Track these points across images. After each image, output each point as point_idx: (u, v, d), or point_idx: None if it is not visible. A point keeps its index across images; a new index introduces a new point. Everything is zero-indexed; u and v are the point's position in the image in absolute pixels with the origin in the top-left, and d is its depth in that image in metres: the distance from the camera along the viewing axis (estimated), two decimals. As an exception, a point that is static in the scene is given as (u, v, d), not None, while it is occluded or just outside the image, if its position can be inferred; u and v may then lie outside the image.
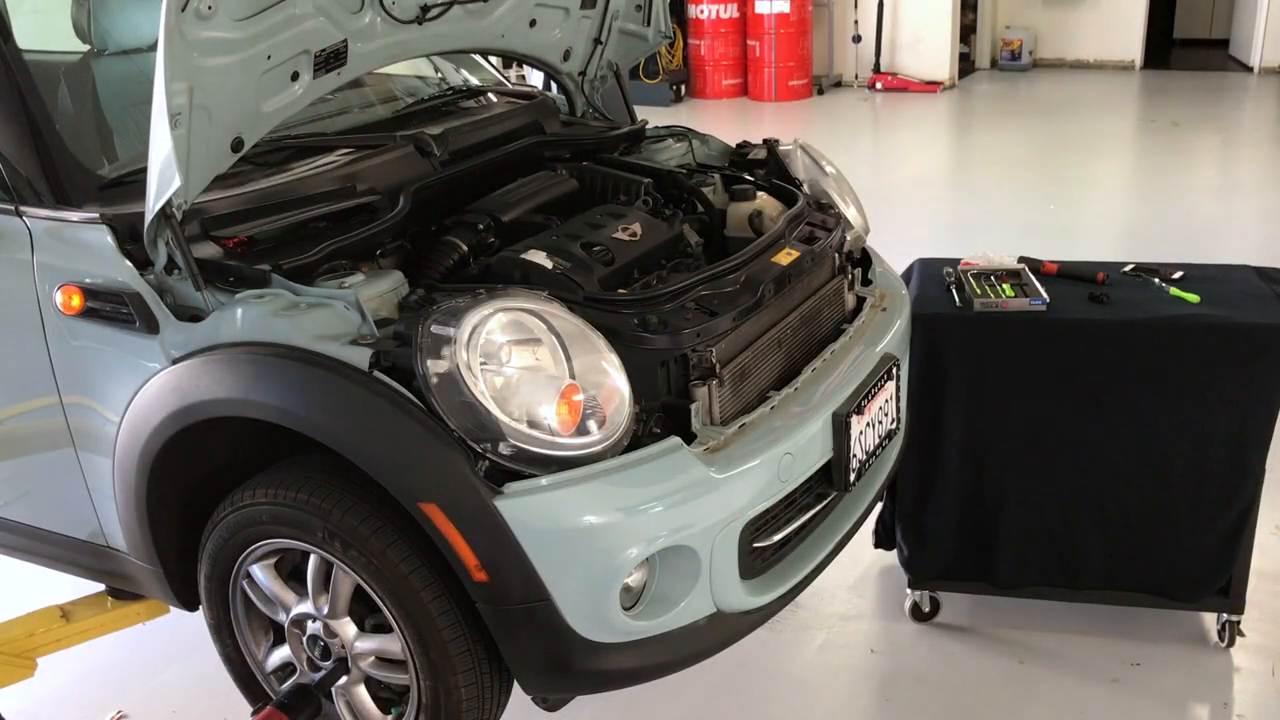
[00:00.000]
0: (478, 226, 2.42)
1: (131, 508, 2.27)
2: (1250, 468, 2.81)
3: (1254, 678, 2.90)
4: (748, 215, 2.77)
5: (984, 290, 2.87)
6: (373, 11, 2.44)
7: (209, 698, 2.91)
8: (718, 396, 2.15)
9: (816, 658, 3.05)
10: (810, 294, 2.51)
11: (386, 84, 3.19)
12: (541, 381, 1.93)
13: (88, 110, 2.56)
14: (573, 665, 2.01)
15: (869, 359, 2.48)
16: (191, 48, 1.98)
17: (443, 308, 1.94)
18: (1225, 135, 9.47)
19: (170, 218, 2.04)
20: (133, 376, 2.17)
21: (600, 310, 2.08)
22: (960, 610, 3.18)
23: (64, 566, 2.63)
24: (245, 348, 2.01)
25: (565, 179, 2.75)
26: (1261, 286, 2.92)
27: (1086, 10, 12.28)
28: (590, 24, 3.22)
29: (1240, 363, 2.73)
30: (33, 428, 2.43)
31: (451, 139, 2.72)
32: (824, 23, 11.78)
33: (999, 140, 9.52)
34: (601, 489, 1.94)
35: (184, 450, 2.18)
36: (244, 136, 2.21)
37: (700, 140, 3.23)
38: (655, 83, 11.12)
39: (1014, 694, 2.88)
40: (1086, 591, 3.03)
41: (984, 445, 2.92)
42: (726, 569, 2.09)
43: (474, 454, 1.88)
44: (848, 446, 2.29)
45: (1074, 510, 2.93)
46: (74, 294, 2.20)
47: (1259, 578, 3.04)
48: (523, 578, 1.92)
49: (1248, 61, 11.93)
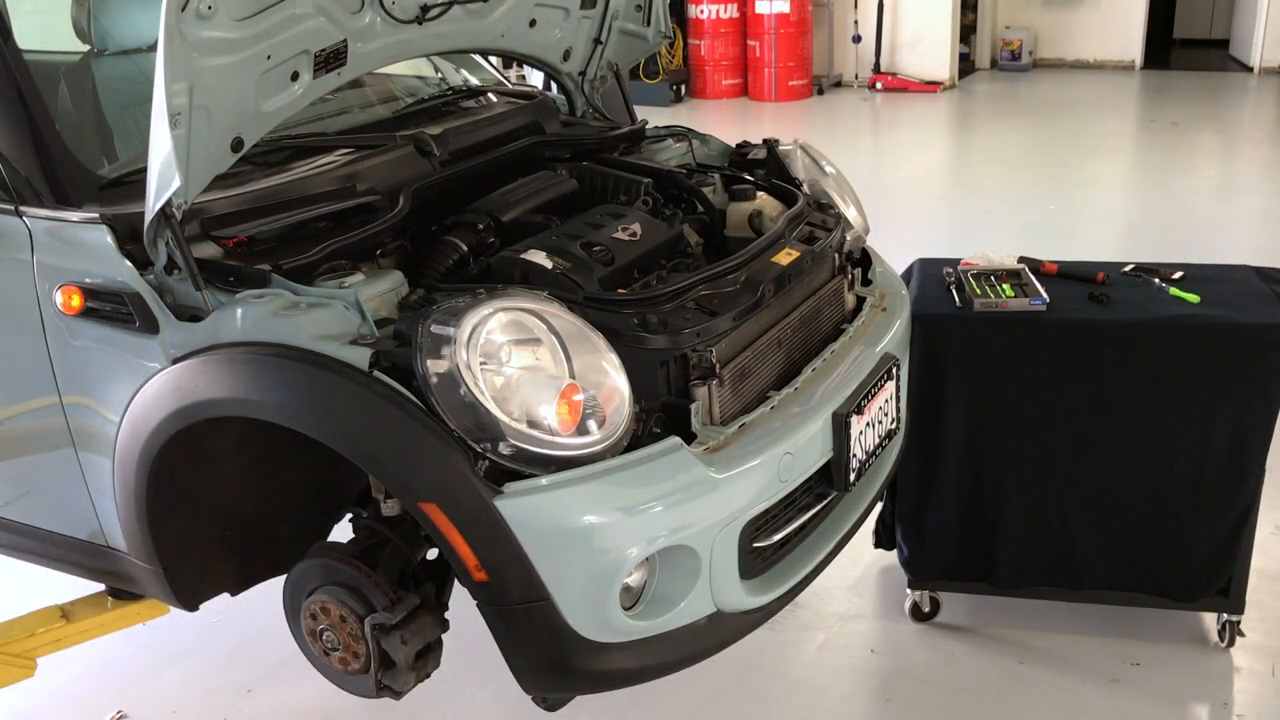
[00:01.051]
0: (478, 226, 2.42)
1: (131, 508, 2.27)
2: (1250, 468, 2.82)
3: (1254, 678, 2.90)
4: (748, 215, 2.77)
5: (984, 290, 2.88)
6: (373, 11, 2.44)
7: (209, 698, 2.92)
8: (718, 396, 2.15)
9: (816, 658, 3.05)
10: (810, 294, 2.51)
11: (386, 84, 3.18)
12: (541, 381, 1.93)
13: (88, 110, 2.56)
14: (572, 665, 2.01)
15: (869, 359, 2.48)
16: (191, 48, 1.98)
17: (443, 307, 1.94)
18: (1225, 135, 9.48)
19: (170, 218, 2.04)
20: (133, 376, 2.16)
21: (600, 310, 2.08)
22: (960, 610, 3.18)
23: (64, 566, 2.63)
24: (245, 348, 2.01)
25: (565, 179, 2.75)
26: (1261, 287, 2.92)
27: (1086, 10, 12.29)
28: (590, 24, 3.22)
29: (1240, 363, 2.73)
30: (33, 428, 2.43)
31: (451, 139, 2.72)
32: (824, 23, 11.78)
33: (999, 140, 9.52)
34: (601, 489, 1.93)
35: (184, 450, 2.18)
36: (244, 136, 2.20)
37: (700, 140, 3.23)
38: (655, 83, 11.12)
39: (1014, 694, 2.88)
40: (1086, 591, 3.03)
41: (984, 445, 2.92)
42: (726, 569, 2.09)
43: (474, 454, 1.88)
44: (848, 446, 2.29)
45: (1074, 510, 2.94)
46: (74, 294, 2.20)
47: (1259, 577, 3.04)
48: (522, 578, 1.91)
49: (1248, 61, 11.93)
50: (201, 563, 2.39)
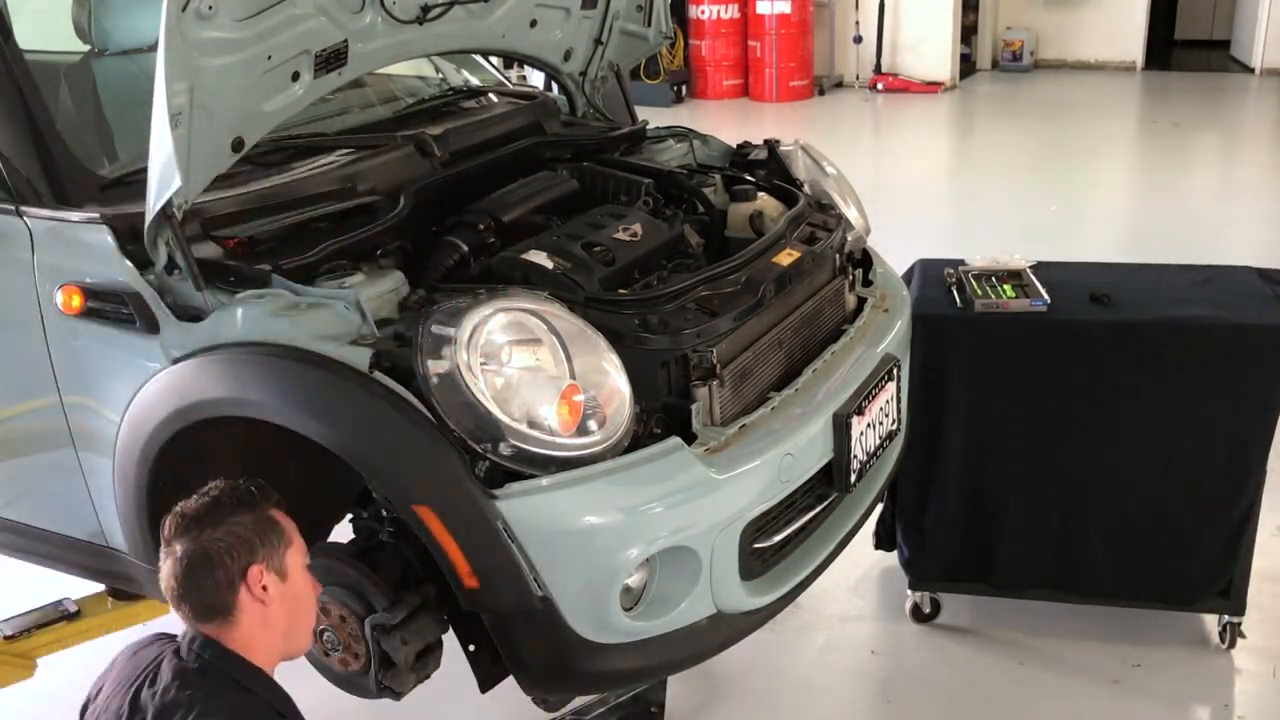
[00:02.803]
0: (478, 227, 2.42)
1: (131, 508, 2.27)
2: (1251, 469, 2.81)
3: (1255, 679, 2.90)
4: (748, 216, 2.77)
5: (985, 291, 2.87)
6: (373, 11, 2.44)
7: (209, 698, 2.91)
8: (718, 397, 2.15)
9: (817, 659, 3.05)
10: (811, 295, 2.51)
11: (387, 84, 3.19)
12: (542, 382, 1.93)
13: (88, 110, 2.56)
14: (573, 666, 2.01)
15: (870, 360, 2.48)
16: (192, 48, 1.98)
17: (443, 308, 1.94)
18: (1226, 136, 9.47)
19: (171, 218, 2.04)
20: (133, 376, 2.16)
21: (601, 310, 2.08)
22: (961, 612, 3.18)
23: (64, 566, 2.63)
24: (245, 348, 2.01)
25: (566, 179, 2.75)
26: (1263, 288, 2.92)
27: (1088, 11, 12.27)
28: (591, 24, 3.22)
29: (1241, 363, 2.73)
30: (33, 428, 2.43)
31: (452, 139, 2.71)
32: (825, 23, 11.77)
33: (1000, 141, 9.51)
34: (602, 489, 1.93)
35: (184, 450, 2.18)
36: (245, 136, 2.20)
37: (701, 141, 3.23)
38: (656, 83, 11.11)
39: (1014, 695, 2.88)
40: (1087, 593, 3.03)
41: (985, 446, 2.92)
42: (727, 570, 2.09)
43: (473, 455, 1.88)
44: (848, 447, 2.29)
45: (1074, 512, 2.93)
46: (74, 294, 2.20)
47: (1260, 579, 3.03)
48: (513, 585, 1.91)
49: (1249, 62, 11.92)
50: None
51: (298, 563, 1.81)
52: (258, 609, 1.75)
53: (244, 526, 1.75)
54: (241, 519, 1.75)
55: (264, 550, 1.75)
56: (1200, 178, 8.06)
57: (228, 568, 1.72)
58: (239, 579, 1.73)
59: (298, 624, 1.83)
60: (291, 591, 1.80)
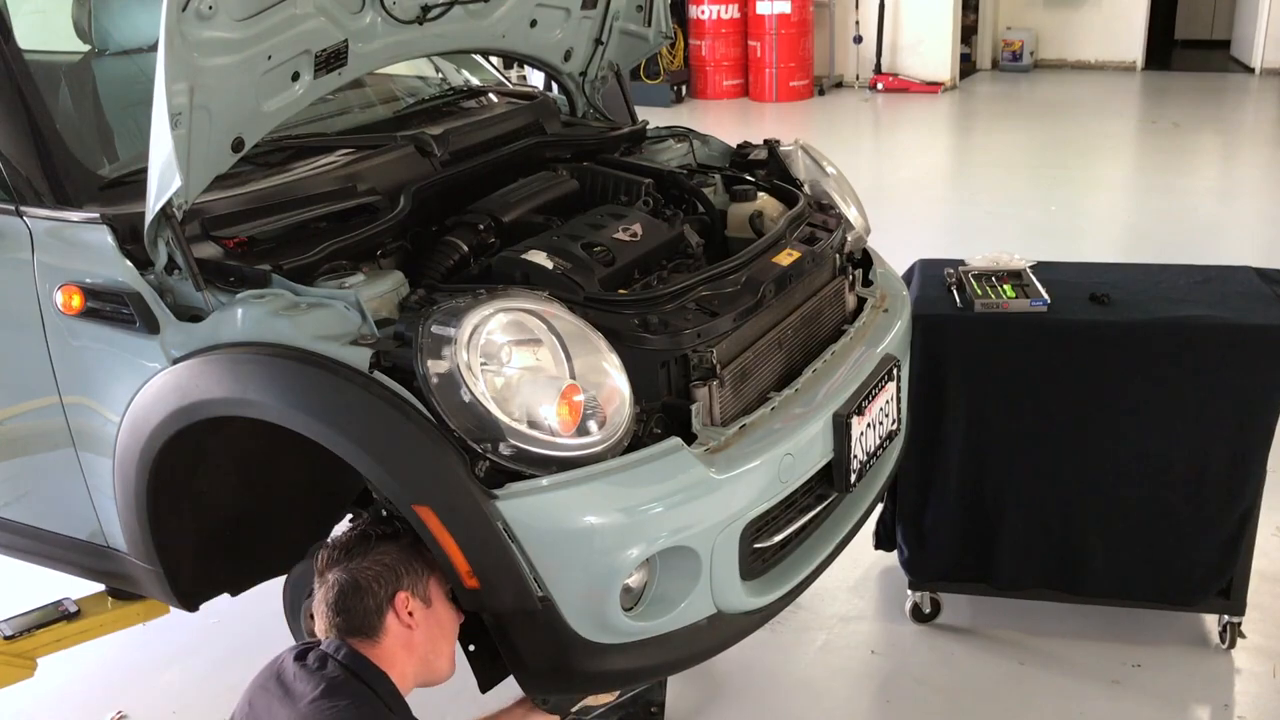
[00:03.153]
0: (478, 227, 2.42)
1: (131, 508, 2.27)
2: (1251, 469, 2.81)
3: (1255, 679, 2.90)
4: (748, 216, 2.77)
5: (985, 291, 2.87)
6: (373, 11, 2.44)
7: (209, 698, 2.91)
8: (718, 397, 2.15)
9: (817, 659, 3.05)
10: (811, 295, 2.51)
11: (387, 84, 3.19)
12: (542, 382, 1.93)
13: (88, 110, 2.56)
14: (573, 666, 2.01)
15: (870, 360, 2.48)
16: (192, 48, 1.98)
17: (443, 308, 1.94)
18: (1226, 136, 9.47)
19: (171, 218, 2.04)
20: (133, 376, 2.16)
21: (601, 311, 2.08)
22: (961, 611, 3.18)
23: (64, 566, 2.63)
24: (245, 348, 2.01)
25: (566, 179, 2.75)
26: (1262, 288, 2.92)
27: (1088, 11, 12.28)
28: (591, 24, 3.22)
29: (1241, 364, 2.73)
30: (33, 428, 2.43)
31: (452, 139, 2.72)
32: (825, 23, 11.78)
33: (1000, 141, 9.51)
34: (602, 489, 1.93)
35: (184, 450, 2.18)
36: (245, 136, 2.20)
37: (701, 141, 3.23)
38: (656, 83, 11.12)
39: (1014, 695, 2.88)
40: (1087, 593, 3.03)
41: (985, 446, 2.92)
42: (727, 570, 2.09)
43: (473, 455, 1.88)
44: (848, 447, 2.29)
45: (1075, 511, 2.93)
46: (74, 294, 2.20)
47: (1260, 579, 3.04)
48: (514, 585, 1.91)
49: (1249, 62, 11.92)
50: (201, 563, 2.39)
51: (440, 591, 1.95)
52: (404, 633, 1.91)
53: (390, 556, 1.91)
54: (387, 549, 1.92)
55: (409, 578, 1.91)
56: (1200, 178, 8.06)
57: (376, 594, 1.88)
58: (386, 604, 1.88)
59: (439, 649, 1.97)
60: (435, 618, 1.95)
